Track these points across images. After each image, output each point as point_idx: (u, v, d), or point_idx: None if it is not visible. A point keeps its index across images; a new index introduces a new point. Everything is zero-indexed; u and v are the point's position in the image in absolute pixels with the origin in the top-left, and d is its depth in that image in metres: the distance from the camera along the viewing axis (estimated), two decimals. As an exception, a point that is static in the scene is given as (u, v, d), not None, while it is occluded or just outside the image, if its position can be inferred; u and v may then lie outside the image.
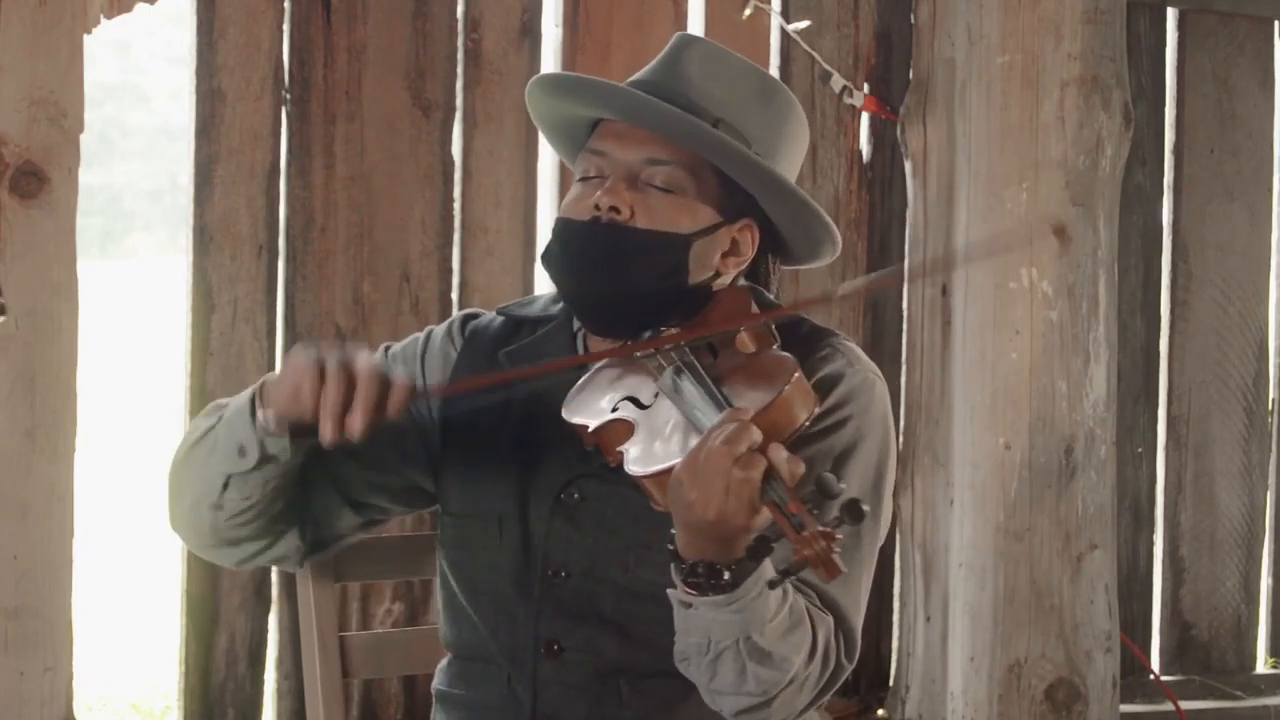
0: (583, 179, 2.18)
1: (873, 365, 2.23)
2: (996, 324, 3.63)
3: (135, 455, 8.58)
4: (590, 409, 2.07)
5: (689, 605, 1.93)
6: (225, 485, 2.13)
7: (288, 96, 3.49)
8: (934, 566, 3.81)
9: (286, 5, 3.49)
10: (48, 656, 3.25)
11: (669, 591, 1.95)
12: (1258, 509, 4.42)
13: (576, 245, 2.15)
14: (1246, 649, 4.45)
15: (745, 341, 2.07)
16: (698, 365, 2.02)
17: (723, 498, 1.84)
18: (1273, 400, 4.46)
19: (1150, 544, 4.33)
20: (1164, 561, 4.35)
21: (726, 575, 1.90)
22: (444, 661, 2.31)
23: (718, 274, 2.20)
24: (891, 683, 3.98)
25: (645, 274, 2.13)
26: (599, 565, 2.14)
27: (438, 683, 2.30)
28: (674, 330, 2.10)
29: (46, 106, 3.20)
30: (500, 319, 2.30)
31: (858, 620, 2.12)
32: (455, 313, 2.41)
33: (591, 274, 2.14)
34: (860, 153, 3.97)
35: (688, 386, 2.00)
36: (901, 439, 3.92)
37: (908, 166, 3.89)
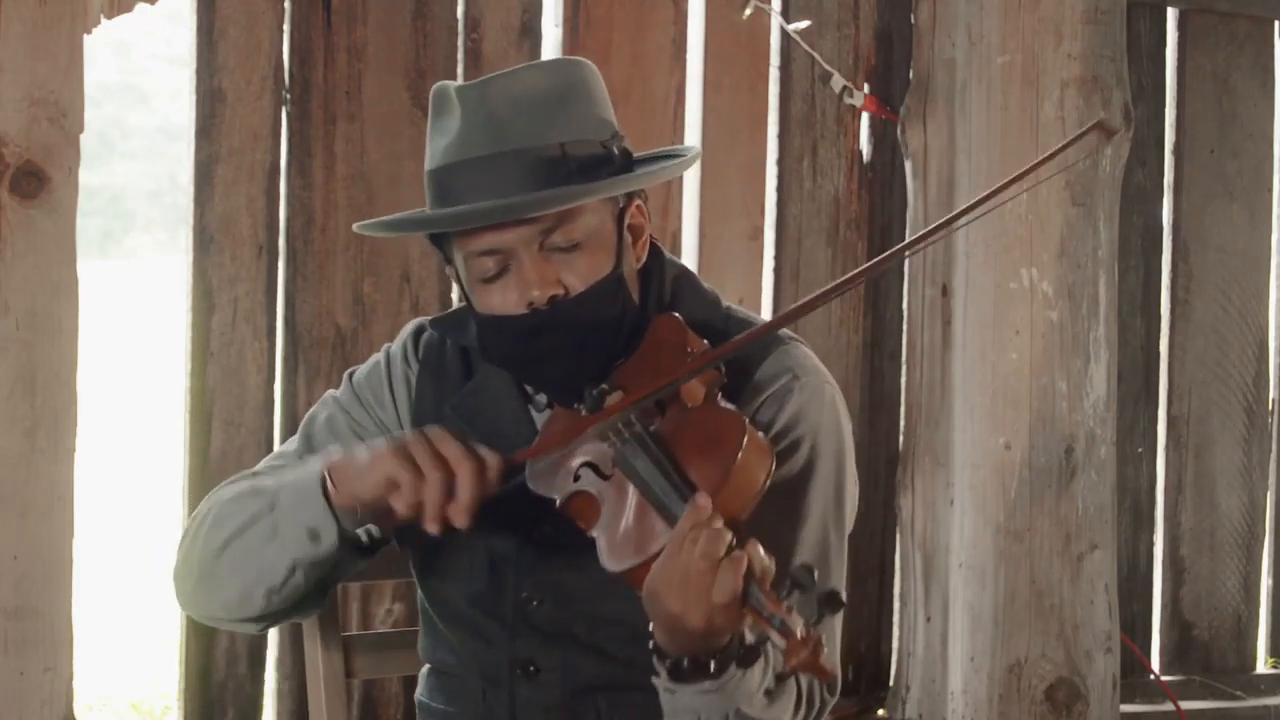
0: (486, 280, 2.08)
1: (820, 369, 2.18)
2: (996, 324, 3.63)
3: (135, 455, 8.58)
4: (553, 480, 2.05)
5: (673, 693, 1.93)
6: (291, 571, 2.11)
7: (288, 96, 3.49)
8: (934, 566, 3.81)
9: (286, 5, 3.49)
10: (48, 656, 3.25)
11: (653, 679, 1.95)
12: (1258, 509, 4.42)
13: (532, 339, 2.08)
14: (1246, 649, 4.45)
15: (691, 389, 2.02)
16: (646, 437, 1.98)
17: (708, 608, 1.84)
18: (1273, 400, 4.46)
19: (1150, 544, 4.33)
20: (1164, 561, 4.35)
21: (712, 667, 1.90)
22: (424, 670, 2.32)
23: (637, 259, 2.16)
24: (891, 683, 3.98)
25: (604, 328, 2.09)
26: (570, 595, 2.14)
27: (419, 692, 2.32)
28: (618, 393, 2.05)
29: (46, 106, 3.20)
30: (446, 332, 2.26)
31: (837, 653, 2.12)
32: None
33: (560, 357, 2.09)
34: (860, 153, 3.97)
35: (641, 461, 1.97)
36: (902, 439, 3.92)
37: (908, 166, 3.89)
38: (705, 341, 2.08)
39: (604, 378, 2.08)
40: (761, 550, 1.84)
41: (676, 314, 2.12)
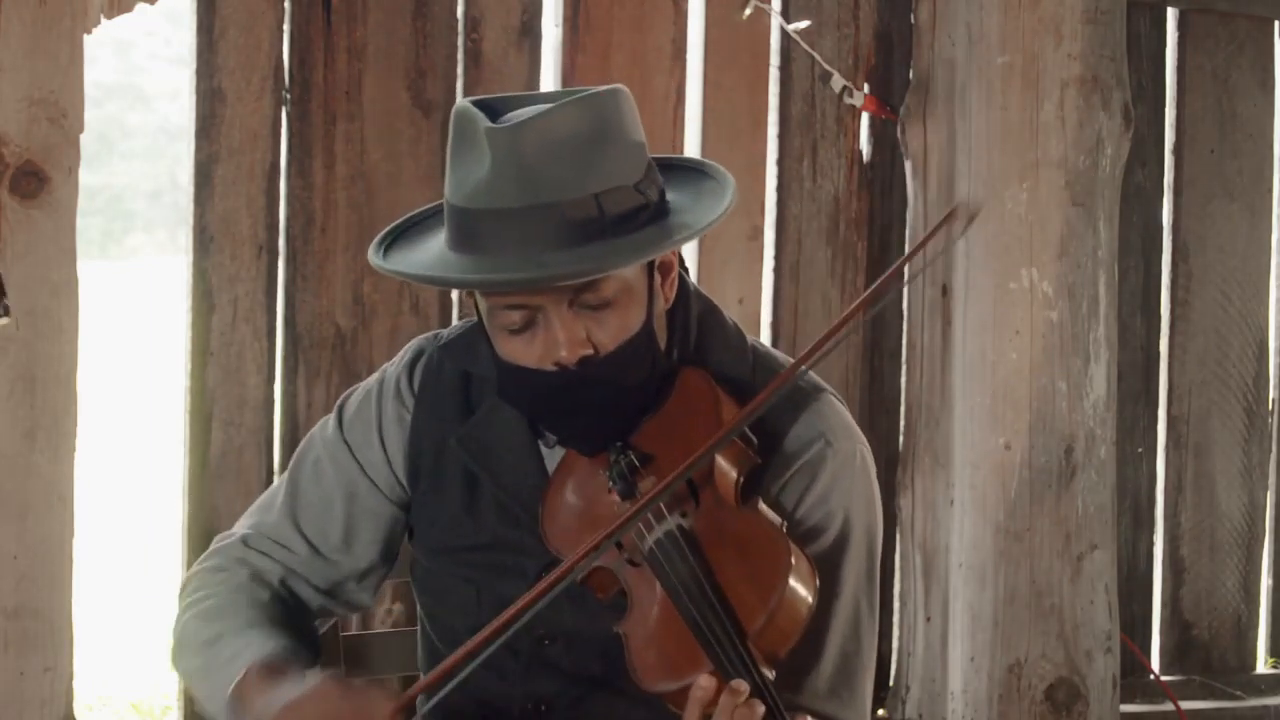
0: (512, 331, 2.01)
1: (851, 429, 2.13)
2: (996, 324, 3.63)
3: (135, 455, 8.58)
4: (575, 546, 1.99)
5: None
6: None
7: (288, 96, 3.49)
8: (934, 566, 3.81)
9: (286, 5, 3.49)
10: (48, 656, 3.25)
11: None
12: (1258, 509, 4.42)
13: (558, 396, 2.02)
14: (1246, 649, 4.45)
15: (725, 474, 1.96)
16: (681, 541, 1.93)
17: None
18: (1273, 400, 4.46)
19: (1150, 544, 4.33)
20: (1164, 561, 4.35)
21: None
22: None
23: (665, 300, 2.10)
24: (891, 683, 3.98)
25: (634, 384, 2.03)
26: (584, 634, 2.09)
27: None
28: (650, 481, 1.98)
29: (46, 106, 3.20)
30: (446, 359, 2.20)
31: None
32: (415, 343, 2.27)
33: (585, 415, 2.03)
34: (860, 153, 3.97)
35: (676, 571, 1.92)
36: (902, 439, 3.92)
37: (908, 166, 3.89)
38: (737, 406, 2.01)
39: (629, 433, 2.03)
40: None
41: (706, 372, 2.06)
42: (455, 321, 3.19)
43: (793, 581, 1.89)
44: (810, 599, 1.91)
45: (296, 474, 2.25)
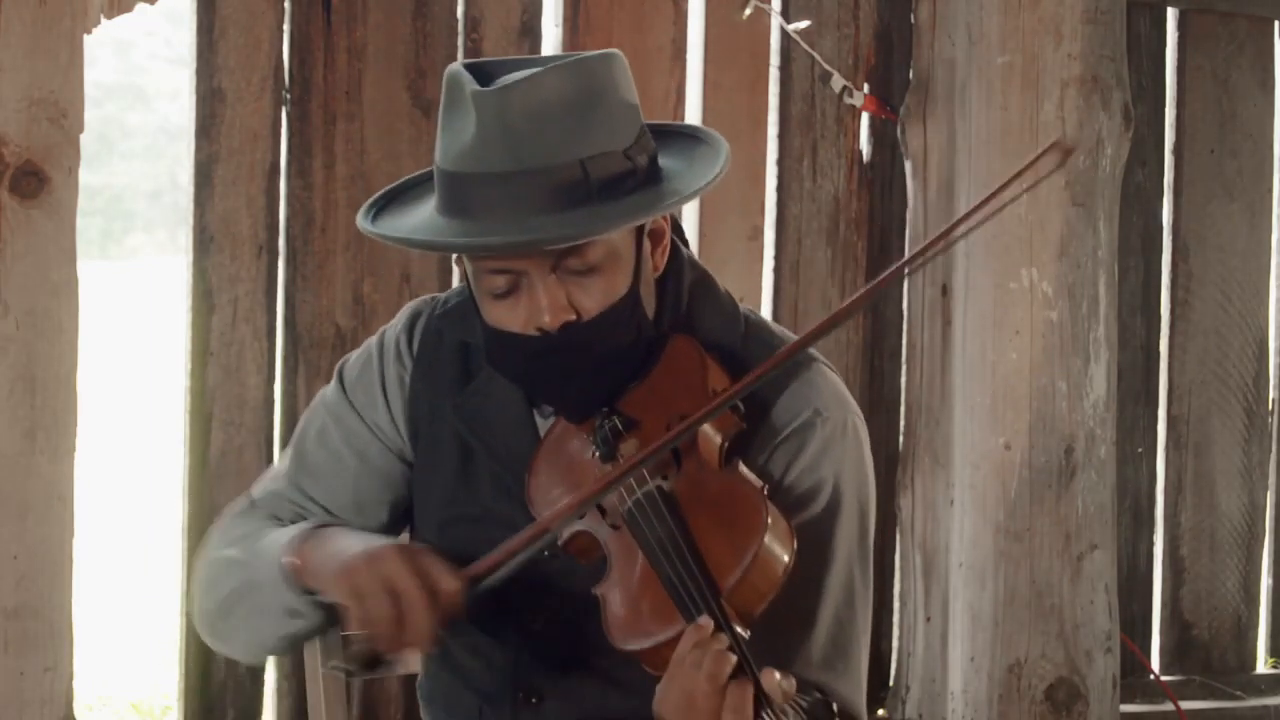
0: (496, 296, 2.01)
1: (842, 398, 2.12)
2: (996, 324, 3.63)
3: (135, 455, 8.58)
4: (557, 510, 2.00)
5: None
6: (284, 640, 2.13)
7: (288, 96, 3.49)
8: (934, 566, 3.81)
9: (286, 5, 3.49)
10: (48, 656, 3.25)
11: None
12: (1258, 509, 4.42)
13: (541, 361, 2.02)
14: (1246, 649, 4.45)
15: (709, 439, 1.96)
16: (659, 502, 1.93)
17: None
18: (1273, 400, 4.46)
19: (1150, 544, 4.33)
20: (1164, 561, 4.35)
21: None
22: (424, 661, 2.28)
23: (656, 268, 2.09)
24: (891, 683, 3.98)
25: (618, 349, 2.03)
26: (576, 617, 2.07)
27: (421, 679, 2.29)
28: (632, 444, 1.99)
29: (46, 106, 3.20)
30: (445, 328, 2.19)
31: (861, 699, 2.09)
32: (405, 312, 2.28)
33: (569, 380, 2.03)
34: (860, 153, 3.97)
35: (653, 531, 1.92)
36: (902, 439, 3.92)
37: (908, 166, 3.89)
38: (726, 373, 2.01)
39: (615, 398, 2.04)
40: (777, 675, 1.80)
41: (695, 339, 2.05)
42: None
43: (768, 540, 1.88)
44: (786, 559, 1.90)
45: (301, 444, 2.24)
